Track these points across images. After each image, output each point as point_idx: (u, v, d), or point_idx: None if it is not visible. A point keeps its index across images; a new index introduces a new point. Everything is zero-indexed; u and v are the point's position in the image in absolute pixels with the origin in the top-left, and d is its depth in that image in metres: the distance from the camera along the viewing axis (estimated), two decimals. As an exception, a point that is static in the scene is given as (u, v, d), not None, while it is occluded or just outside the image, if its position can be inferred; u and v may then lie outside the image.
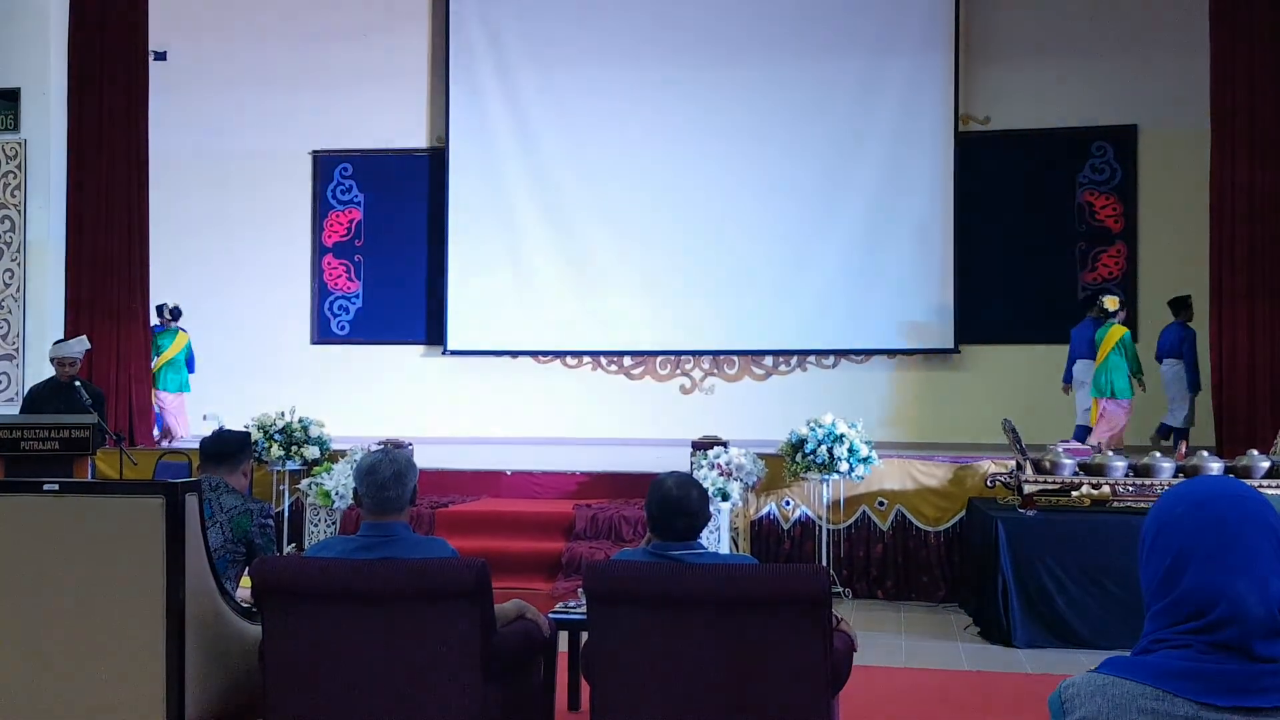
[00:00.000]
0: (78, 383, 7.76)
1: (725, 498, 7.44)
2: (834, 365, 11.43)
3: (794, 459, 7.93)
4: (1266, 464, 6.94)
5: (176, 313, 10.57)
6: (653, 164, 11.50)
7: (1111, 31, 10.95)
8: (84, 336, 8.24)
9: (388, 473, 3.57)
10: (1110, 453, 7.59)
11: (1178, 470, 6.98)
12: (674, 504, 3.54)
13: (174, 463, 8.13)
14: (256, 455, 8.07)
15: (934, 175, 11.09)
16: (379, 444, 7.67)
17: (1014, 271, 11.08)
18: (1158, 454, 7.28)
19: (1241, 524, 1.55)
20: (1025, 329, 11.04)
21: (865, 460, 7.82)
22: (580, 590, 3.79)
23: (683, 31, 11.50)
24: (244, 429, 7.18)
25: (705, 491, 3.68)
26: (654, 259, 11.46)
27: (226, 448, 4.29)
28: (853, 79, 11.25)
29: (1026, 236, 11.09)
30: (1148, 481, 6.97)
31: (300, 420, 8.31)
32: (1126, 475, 6.99)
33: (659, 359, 11.72)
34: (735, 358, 11.61)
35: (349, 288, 12.24)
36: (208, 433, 4.97)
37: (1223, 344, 8.96)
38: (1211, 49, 9.15)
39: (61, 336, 9.08)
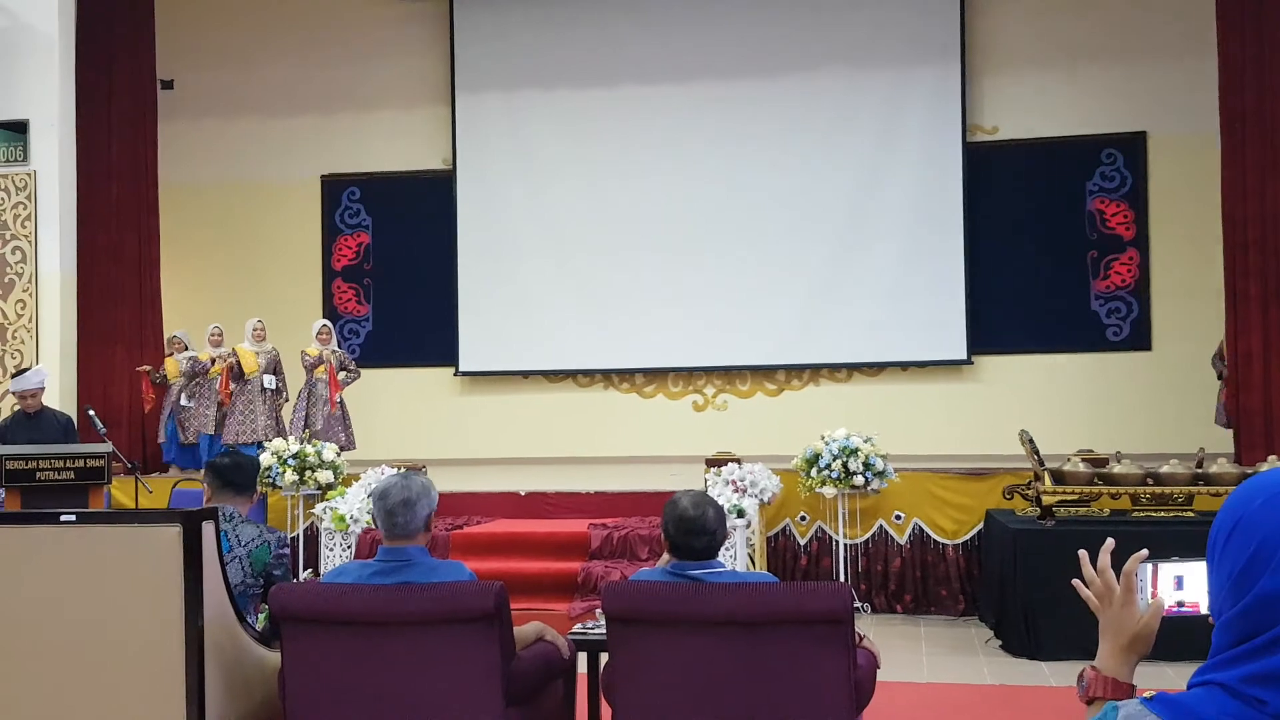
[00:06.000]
0: (45, 413, 7.87)
1: (741, 515, 7.39)
2: (847, 379, 11.39)
3: (809, 474, 7.90)
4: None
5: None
6: (662, 181, 11.50)
7: (1118, 38, 10.93)
8: (41, 367, 8.27)
9: (399, 498, 3.56)
10: (1127, 461, 7.53)
11: (1196, 478, 6.92)
12: (691, 523, 3.52)
13: (190, 490, 8.13)
14: (270, 481, 8.10)
15: (943, 186, 11.06)
16: (393, 468, 7.66)
17: (1026, 280, 11.03)
18: (1175, 460, 7.22)
19: None
20: (1038, 338, 10.99)
21: (881, 474, 7.78)
22: (598, 611, 3.76)
23: (689, 51, 11.51)
24: (253, 454, 7.18)
25: (722, 509, 3.66)
26: (665, 276, 11.45)
27: (245, 476, 4.24)
28: (860, 93, 11.25)
29: (1038, 245, 11.04)
30: (1165, 490, 6.92)
31: (313, 445, 8.32)
32: (1144, 484, 6.94)
33: (671, 376, 11.70)
34: (748, 373, 11.58)
35: (359, 311, 12.25)
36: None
37: (1238, 349, 8.90)
38: (1220, 53, 9.11)
39: (74, 366, 9.10)
